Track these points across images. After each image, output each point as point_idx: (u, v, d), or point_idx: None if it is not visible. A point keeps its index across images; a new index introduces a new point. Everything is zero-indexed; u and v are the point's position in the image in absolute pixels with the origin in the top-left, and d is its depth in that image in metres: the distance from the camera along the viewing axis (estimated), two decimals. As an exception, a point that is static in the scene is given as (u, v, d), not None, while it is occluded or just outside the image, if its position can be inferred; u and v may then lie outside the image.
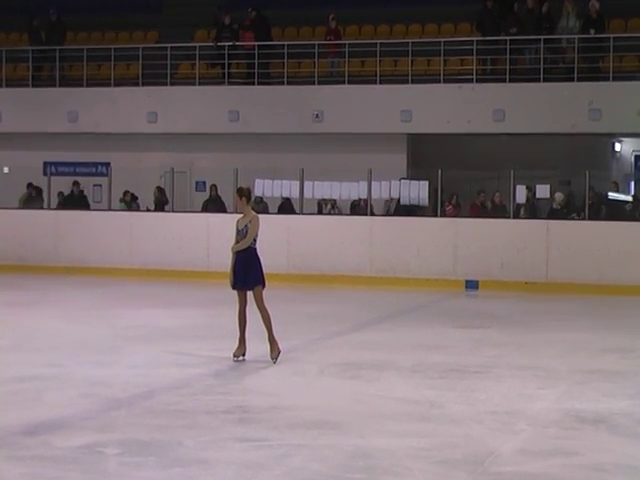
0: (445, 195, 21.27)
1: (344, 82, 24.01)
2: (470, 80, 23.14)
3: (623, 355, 12.82)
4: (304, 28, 26.75)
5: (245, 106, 24.28)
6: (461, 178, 22.45)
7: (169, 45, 24.97)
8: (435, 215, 20.92)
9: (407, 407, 9.59)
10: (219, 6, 27.27)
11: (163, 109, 24.76)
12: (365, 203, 21.72)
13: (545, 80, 22.69)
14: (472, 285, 20.20)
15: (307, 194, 21.63)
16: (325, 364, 11.70)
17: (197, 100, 24.58)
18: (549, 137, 23.36)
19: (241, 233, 11.71)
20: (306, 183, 21.39)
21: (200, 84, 25.03)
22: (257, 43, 24.44)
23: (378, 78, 23.67)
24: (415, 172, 23.24)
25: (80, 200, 24.19)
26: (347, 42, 24.49)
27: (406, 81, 23.42)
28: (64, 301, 18.13)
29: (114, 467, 7.51)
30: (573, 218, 20.95)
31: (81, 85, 25.53)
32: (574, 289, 19.44)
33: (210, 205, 22.90)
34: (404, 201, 21.30)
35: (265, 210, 22.02)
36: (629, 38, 22.94)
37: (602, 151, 25.11)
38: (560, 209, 20.90)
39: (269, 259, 12.77)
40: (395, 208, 22.02)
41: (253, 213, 11.86)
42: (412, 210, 21.45)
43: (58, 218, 22.83)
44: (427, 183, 20.96)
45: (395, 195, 21.38)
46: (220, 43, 24.95)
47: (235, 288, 11.73)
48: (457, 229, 20.48)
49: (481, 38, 23.54)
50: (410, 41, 23.99)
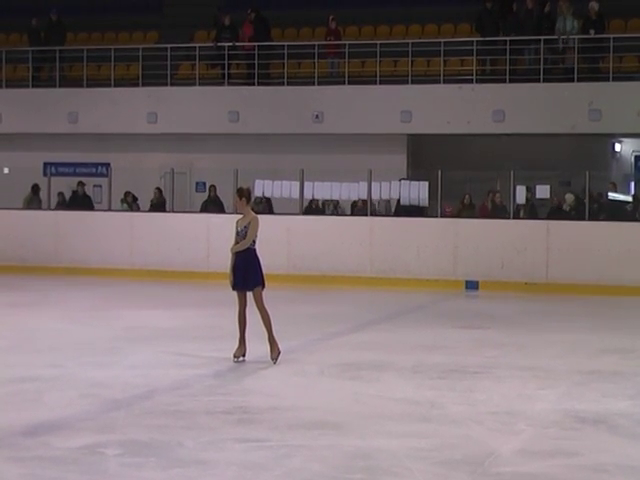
0: (448, 196, 21.21)
1: (344, 83, 24.02)
2: (470, 80, 23.15)
3: (623, 356, 12.82)
4: (304, 29, 26.75)
5: (245, 107, 24.29)
6: (461, 178, 22.44)
7: (169, 45, 24.97)
8: (435, 216, 20.93)
9: (407, 407, 9.59)
10: (219, 7, 27.32)
11: (163, 110, 24.77)
12: (364, 203, 21.72)
13: (545, 80, 22.69)
14: (472, 285, 20.20)
15: (307, 195, 21.64)
16: (325, 365, 11.70)
17: (197, 101, 24.59)
18: (549, 137, 23.37)
19: (240, 234, 11.70)
20: (306, 184, 21.39)
21: (200, 85, 25.04)
22: (257, 44, 24.45)
23: (378, 79, 23.68)
24: (415, 172, 23.25)
25: (84, 200, 24.18)
26: (347, 42, 24.51)
27: (406, 82, 23.43)
28: (64, 302, 18.13)
29: (114, 468, 7.51)
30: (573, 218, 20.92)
31: (81, 86, 25.54)
32: (574, 290, 19.44)
33: (210, 206, 22.90)
34: (404, 202, 21.29)
35: (265, 211, 22.02)
36: (629, 38, 22.95)
37: (602, 151, 25.10)
38: (569, 211, 20.81)
39: (269, 260, 12.77)
40: (395, 208, 21.98)
41: (253, 214, 11.83)
42: (412, 211, 21.44)
43: (59, 219, 22.83)
44: (427, 184, 20.95)
45: (395, 196, 21.37)
46: (220, 44, 24.97)
47: (235, 289, 11.72)
48: (457, 229, 20.47)
49: (481, 39, 23.55)
50: (410, 41, 24.00)
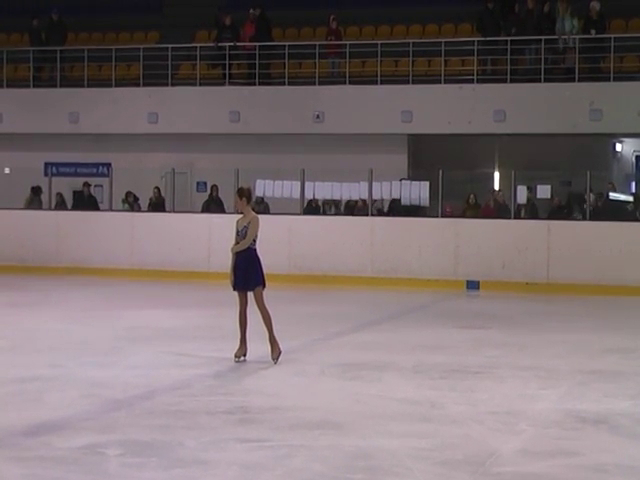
0: (449, 196, 21.17)
1: (345, 83, 24.03)
2: (471, 80, 23.14)
3: (624, 355, 12.81)
4: (305, 29, 26.76)
5: (246, 107, 24.29)
6: (462, 178, 22.43)
7: (170, 46, 24.97)
8: (436, 215, 20.92)
9: (408, 407, 9.59)
10: (220, 7, 27.31)
11: (164, 110, 24.77)
12: (364, 204, 21.73)
13: (546, 80, 22.69)
14: (473, 285, 20.20)
15: (308, 195, 21.64)
16: (326, 365, 11.69)
17: (198, 101, 24.59)
18: (550, 137, 23.36)
19: (241, 234, 11.68)
20: (307, 184, 21.38)
21: (201, 85, 25.05)
22: (258, 44, 24.45)
23: (379, 79, 23.68)
24: (416, 172, 23.24)
25: (90, 201, 24.16)
26: (348, 42, 24.51)
27: (407, 81, 23.43)
28: (65, 302, 18.13)
29: (115, 468, 7.50)
30: (575, 218, 20.93)
31: (82, 86, 25.55)
32: (575, 290, 19.44)
33: (212, 205, 22.88)
34: (405, 201, 21.29)
35: (266, 211, 22.03)
36: (630, 38, 22.94)
37: (603, 151, 25.08)
38: (592, 210, 20.74)
39: (270, 260, 12.77)
40: (395, 208, 21.95)
41: (253, 214, 11.82)
42: (413, 210, 21.44)
43: (59, 219, 22.83)
44: (428, 183, 20.94)
45: (396, 195, 21.36)
46: (221, 44, 24.97)
47: (235, 289, 11.72)
48: (458, 229, 20.47)
49: (482, 39, 23.55)
50: (411, 41, 24.01)
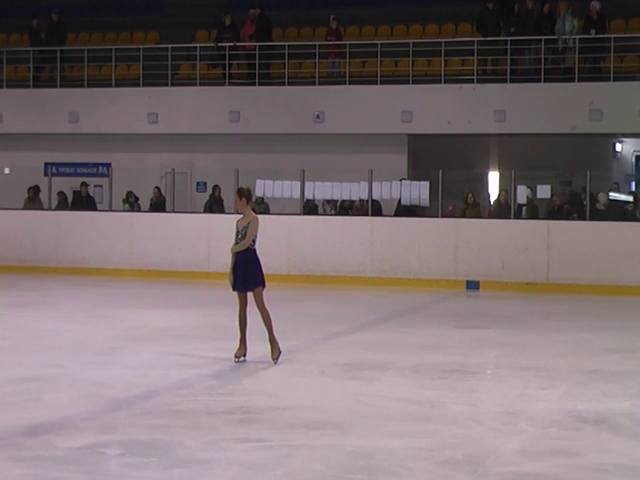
0: (449, 196, 21.18)
1: (345, 83, 24.02)
2: (471, 80, 23.14)
3: (624, 355, 12.81)
4: (305, 29, 26.75)
5: (246, 107, 24.28)
6: (462, 178, 22.42)
7: (170, 46, 24.98)
8: (436, 215, 20.91)
9: (408, 407, 9.59)
10: (220, 7, 27.32)
11: (164, 110, 24.77)
12: (361, 204, 21.74)
13: (546, 80, 22.70)
14: (473, 285, 20.20)
15: (308, 195, 21.64)
16: (326, 364, 11.69)
17: (198, 101, 24.59)
18: (550, 137, 23.37)
19: (240, 234, 11.68)
20: (307, 184, 21.38)
21: (201, 85, 25.05)
22: (258, 44, 24.45)
23: (379, 79, 23.67)
24: (416, 172, 23.24)
25: (87, 201, 24.16)
26: (348, 43, 24.51)
27: (407, 82, 23.43)
28: (65, 302, 18.13)
29: (115, 468, 7.50)
30: (573, 218, 20.93)
31: (82, 86, 25.54)
32: (575, 289, 19.45)
33: (214, 205, 22.86)
34: (405, 201, 21.29)
35: (266, 211, 22.04)
36: (630, 38, 22.95)
37: (603, 151, 25.10)
38: (604, 210, 20.75)
39: (270, 260, 12.80)
40: (397, 209, 21.95)
41: (253, 214, 11.81)
42: (413, 210, 21.44)
43: (59, 219, 22.83)
44: (428, 183, 20.94)
45: (396, 195, 21.36)
46: (221, 44, 24.97)
47: (235, 289, 11.72)
48: (458, 229, 20.46)
49: (482, 39, 23.55)
50: (411, 41, 24.01)
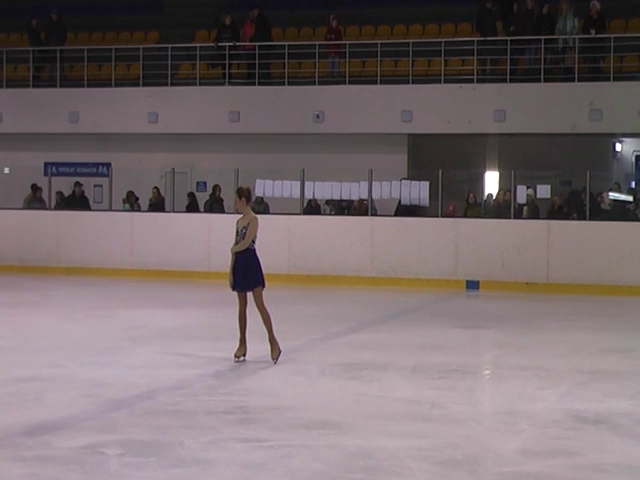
0: (449, 196, 21.16)
1: (345, 82, 24.01)
2: (471, 80, 23.14)
3: (624, 355, 12.82)
4: (305, 28, 26.74)
5: (246, 106, 24.27)
6: (462, 178, 22.41)
7: (170, 45, 24.97)
8: (436, 215, 20.91)
9: (408, 407, 9.59)
10: (219, 7, 27.31)
11: (164, 109, 24.76)
12: (360, 204, 21.73)
13: (546, 80, 22.68)
14: (473, 285, 20.19)
15: (308, 194, 21.63)
16: (326, 364, 11.69)
17: (198, 100, 24.58)
18: (550, 137, 23.36)
19: (240, 234, 11.68)
20: (307, 183, 21.37)
21: (201, 84, 25.04)
22: (258, 43, 24.45)
23: (379, 78, 23.66)
24: (416, 172, 23.23)
25: (81, 201, 24.15)
26: (348, 42, 24.50)
27: (407, 81, 23.42)
28: (65, 302, 18.12)
29: (115, 468, 7.51)
30: (573, 218, 20.93)
31: (82, 86, 25.53)
32: (575, 289, 19.44)
33: (214, 205, 22.86)
34: (405, 201, 21.28)
35: (265, 210, 22.04)
36: (630, 38, 22.94)
37: (603, 151, 25.09)
38: (609, 210, 20.72)
39: (270, 260, 12.79)
40: (398, 209, 21.95)
41: (252, 214, 11.81)
42: (413, 210, 21.43)
43: (59, 219, 22.81)
44: (428, 183, 20.93)
45: (396, 195, 21.35)
46: (221, 44, 24.96)
47: (235, 289, 11.72)
48: (458, 229, 20.46)
49: (482, 38, 23.55)
50: (411, 41, 23.99)
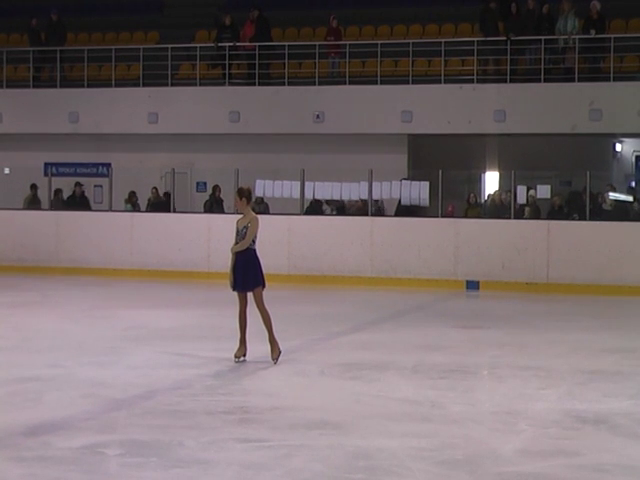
0: (449, 196, 21.14)
1: (345, 83, 24.01)
2: (471, 80, 23.13)
3: (624, 355, 12.81)
4: (305, 29, 26.73)
5: (246, 107, 24.27)
6: (462, 178, 22.40)
7: (170, 46, 24.95)
8: (436, 215, 20.90)
9: (408, 407, 9.59)
10: (220, 7, 27.31)
11: (164, 110, 24.76)
12: (361, 204, 21.73)
13: (546, 80, 22.68)
14: (473, 285, 20.19)
15: (308, 195, 21.63)
16: (326, 364, 11.70)
17: (198, 101, 24.58)
18: (550, 137, 23.35)
19: (240, 234, 11.69)
20: (307, 184, 21.37)
21: (201, 85, 25.04)
22: (258, 44, 24.45)
23: (379, 78, 23.66)
24: (416, 172, 23.23)
25: (82, 201, 24.14)
26: (348, 42, 24.49)
27: (407, 81, 23.41)
28: (65, 302, 18.12)
29: (115, 468, 7.51)
30: (573, 219, 20.94)
31: (82, 86, 25.53)
32: (575, 289, 19.43)
33: (214, 205, 22.84)
34: (405, 201, 21.28)
35: (265, 211, 22.03)
36: (630, 38, 22.92)
37: (603, 151, 25.09)
38: (610, 211, 20.71)
39: (270, 260, 12.79)
40: (397, 209, 21.94)
41: (253, 214, 11.82)
42: (413, 210, 21.43)
43: (59, 219, 22.81)
44: (428, 183, 20.93)
45: (396, 195, 21.35)
46: (221, 44, 24.96)
47: (235, 289, 11.72)
48: (458, 229, 20.45)
49: (482, 39, 23.55)
50: (411, 41, 23.99)
